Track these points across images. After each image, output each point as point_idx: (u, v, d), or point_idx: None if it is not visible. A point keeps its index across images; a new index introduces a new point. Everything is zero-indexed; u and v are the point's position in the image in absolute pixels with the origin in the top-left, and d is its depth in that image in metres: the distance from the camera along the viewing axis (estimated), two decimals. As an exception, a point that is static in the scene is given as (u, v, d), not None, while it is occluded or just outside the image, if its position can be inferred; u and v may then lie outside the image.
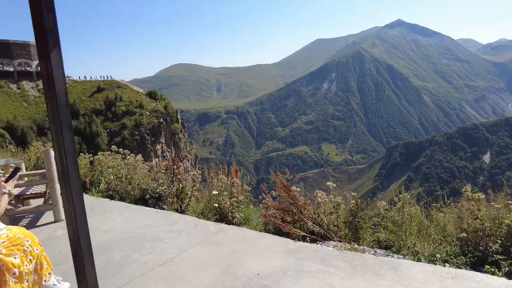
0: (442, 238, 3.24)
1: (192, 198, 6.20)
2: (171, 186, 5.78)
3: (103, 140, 55.28)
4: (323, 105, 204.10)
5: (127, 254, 3.16)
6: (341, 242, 4.16)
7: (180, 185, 5.99)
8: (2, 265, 2.18)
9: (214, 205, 5.52)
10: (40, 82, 68.34)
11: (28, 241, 2.36)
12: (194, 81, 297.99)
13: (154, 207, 5.20)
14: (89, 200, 5.20)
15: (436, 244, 3.18)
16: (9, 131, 51.28)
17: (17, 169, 2.46)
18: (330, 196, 4.78)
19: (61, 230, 3.87)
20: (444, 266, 2.76)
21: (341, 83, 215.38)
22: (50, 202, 4.25)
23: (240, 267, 2.82)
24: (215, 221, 4.24)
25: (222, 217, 5.16)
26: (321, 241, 4.14)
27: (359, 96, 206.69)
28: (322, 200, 4.82)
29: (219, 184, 6.28)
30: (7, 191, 2.39)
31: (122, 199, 5.47)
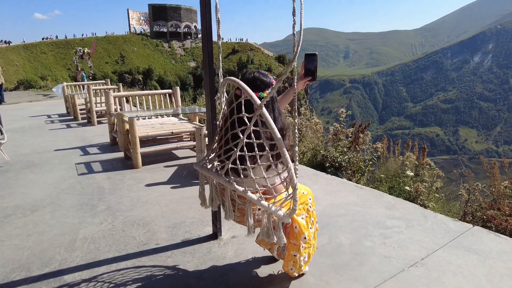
0: None
1: (365, 174, 5.44)
2: (351, 156, 5.08)
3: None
4: (469, 82, 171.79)
5: (355, 239, 2.55)
6: None
7: (358, 156, 5.26)
8: (295, 227, 1.74)
9: (406, 188, 4.63)
10: (185, 42, 76.81)
11: (310, 199, 1.89)
12: (321, 46, 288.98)
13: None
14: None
15: None
16: (160, 84, 60.25)
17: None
18: None
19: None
20: None
21: (500, 57, 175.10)
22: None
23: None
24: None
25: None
26: None
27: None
28: None
29: (406, 163, 5.31)
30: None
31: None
